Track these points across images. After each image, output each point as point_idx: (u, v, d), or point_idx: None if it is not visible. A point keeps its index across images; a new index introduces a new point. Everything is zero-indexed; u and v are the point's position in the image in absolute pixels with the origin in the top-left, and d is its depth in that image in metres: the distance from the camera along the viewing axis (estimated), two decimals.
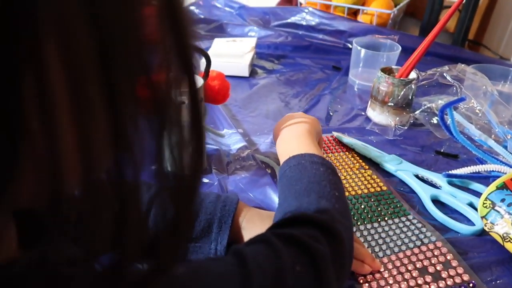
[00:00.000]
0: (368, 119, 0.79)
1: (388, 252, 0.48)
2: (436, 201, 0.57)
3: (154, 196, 0.21)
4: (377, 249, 0.48)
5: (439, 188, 0.59)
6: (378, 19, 1.19)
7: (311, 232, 0.34)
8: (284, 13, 1.22)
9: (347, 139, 0.69)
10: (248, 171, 0.61)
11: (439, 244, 0.49)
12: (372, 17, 1.21)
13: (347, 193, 0.57)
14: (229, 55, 0.96)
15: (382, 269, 0.45)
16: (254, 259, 0.29)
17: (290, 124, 0.52)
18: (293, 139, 0.49)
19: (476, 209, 0.53)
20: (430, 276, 0.45)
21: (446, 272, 0.45)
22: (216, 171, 0.61)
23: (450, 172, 0.61)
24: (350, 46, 1.03)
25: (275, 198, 0.55)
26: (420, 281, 0.44)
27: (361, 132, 0.74)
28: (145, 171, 0.20)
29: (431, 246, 0.49)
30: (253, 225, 0.45)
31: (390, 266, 0.46)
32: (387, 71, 0.77)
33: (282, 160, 0.47)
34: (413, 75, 0.74)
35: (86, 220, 0.20)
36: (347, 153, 0.67)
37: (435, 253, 0.48)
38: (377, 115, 0.76)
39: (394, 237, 0.50)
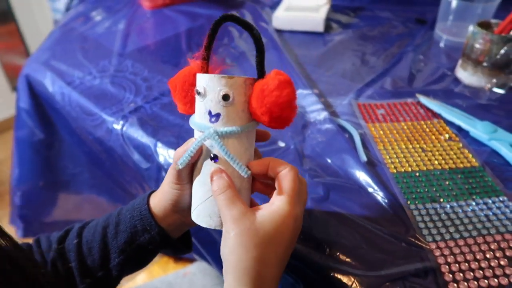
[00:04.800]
0: (456, 80, 0.72)
1: (474, 233, 0.44)
2: None
3: None
4: (461, 228, 0.44)
5: None
6: None
7: None
8: None
9: (433, 103, 0.63)
10: (325, 136, 0.59)
11: None
12: None
13: (431, 167, 0.53)
14: (303, 8, 0.90)
15: (466, 251, 0.42)
16: None
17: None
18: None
19: None
20: None
21: None
22: (293, 134, 0.59)
23: None
24: None
25: (353, 165, 0.53)
26: (508, 271, 0.39)
27: (448, 95, 0.68)
28: None
29: None
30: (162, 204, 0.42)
31: (475, 249, 0.42)
32: (484, 25, 0.68)
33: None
34: None
35: None
36: (434, 120, 0.62)
37: None
38: (469, 76, 0.69)
39: (483, 218, 0.45)
